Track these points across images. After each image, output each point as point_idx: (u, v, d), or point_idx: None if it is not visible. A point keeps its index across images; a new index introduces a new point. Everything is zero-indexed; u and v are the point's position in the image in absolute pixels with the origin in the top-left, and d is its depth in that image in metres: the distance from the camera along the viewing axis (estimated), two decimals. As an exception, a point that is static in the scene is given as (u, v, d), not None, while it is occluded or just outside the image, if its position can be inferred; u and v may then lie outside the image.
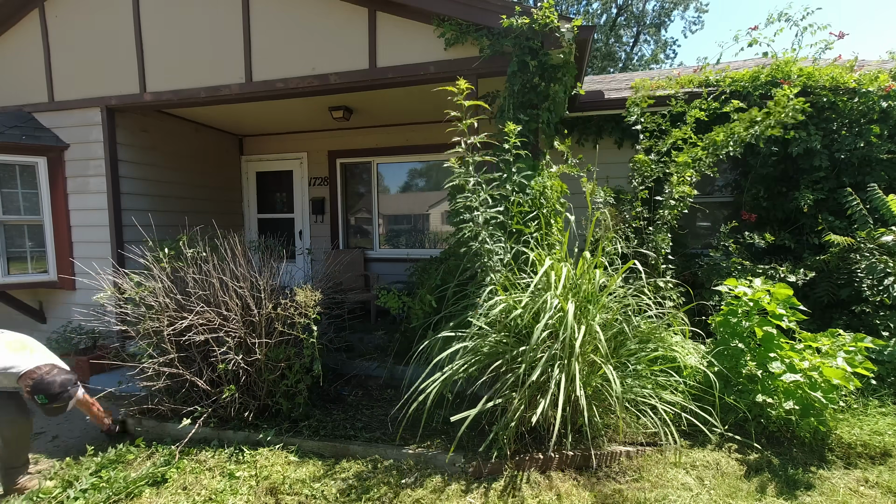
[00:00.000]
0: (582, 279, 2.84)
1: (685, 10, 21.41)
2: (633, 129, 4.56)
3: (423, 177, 6.80)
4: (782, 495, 2.39)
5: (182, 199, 5.91)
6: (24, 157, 4.85)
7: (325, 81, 4.29)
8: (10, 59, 5.20)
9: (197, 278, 3.37)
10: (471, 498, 2.48)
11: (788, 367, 2.82)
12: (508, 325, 2.83)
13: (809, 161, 4.41)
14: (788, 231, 4.59)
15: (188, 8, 4.60)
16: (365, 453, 2.93)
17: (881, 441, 2.72)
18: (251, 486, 2.66)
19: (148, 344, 3.31)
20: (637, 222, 4.24)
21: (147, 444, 3.15)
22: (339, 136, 6.70)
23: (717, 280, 3.93)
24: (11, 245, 4.94)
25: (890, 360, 3.31)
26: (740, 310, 3.14)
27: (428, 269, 4.28)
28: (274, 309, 3.30)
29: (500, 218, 3.24)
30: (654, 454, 2.74)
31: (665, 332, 3.15)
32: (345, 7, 4.20)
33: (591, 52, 5.10)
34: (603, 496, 2.46)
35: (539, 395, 2.61)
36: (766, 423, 2.90)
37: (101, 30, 4.85)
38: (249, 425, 3.23)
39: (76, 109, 5.00)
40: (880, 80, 4.31)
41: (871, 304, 3.72)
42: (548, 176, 3.62)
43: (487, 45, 3.81)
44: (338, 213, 6.88)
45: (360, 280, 6.46)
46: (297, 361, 3.29)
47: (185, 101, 4.76)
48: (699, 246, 5.24)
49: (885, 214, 3.79)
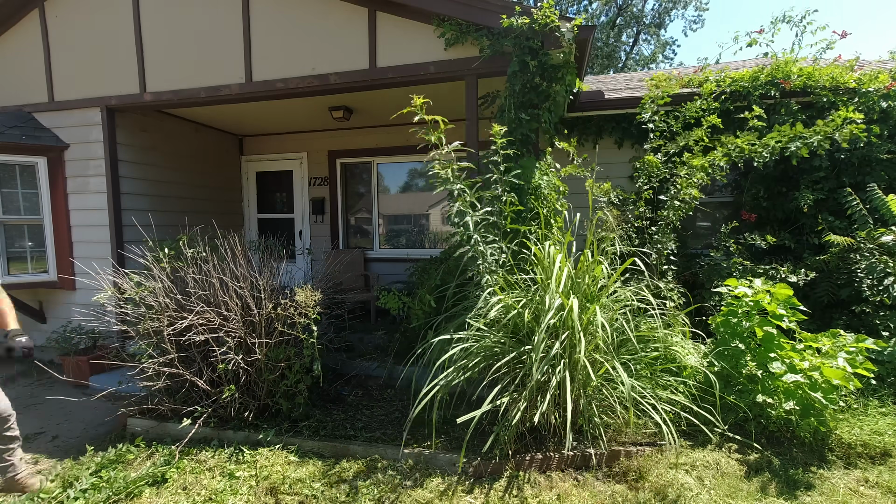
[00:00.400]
0: (582, 278, 2.84)
1: (685, 9, 21.42)
2: (635, 129, 4.54)
3: (423, 177, 6.80)
4: (782, 495, 2.39)
5: (182, 199, 5.91)
6: (24, 157, 4.85)
7: (325, 81, 4.29)
8: (10, 59, 5.19)
9: (197, 278, 3.37)
10: (471, 498, 2.48)
11: (789, 368, 2.82)
12: (507, 326, 2.83)
13: (809, 161, 4.41)
14: (788, 231, 4.59)
15: (188, 8, 4.60)
16: (365, 453, 2.92)
17: (881, 441, 2.72)
18: (251, 486, 2.66)
19: (148, 344, 3.31)
20: (639, 222, 4.23)
21: (147, 444, 3.15)
22: (339, 136, 6.70)
23: (717, 280, 3.92)
24: (11, 245, 4.93)
25: (890, 361, 3.31)
26: (741, 310, 3.14)
27: (428, 270, 4.28)
28: (274, 309, 3.30)
29: (490, 219, 3.23)
30: (655, 454, 2.73)
31: (665, 332, 3.15)
32: (345, 7, 4.20)
33: (591, 52, 5.10)
34: (603, 496, 2.46)
35: (539, 396, 2.61)
36: (766, 424, 2.90)
37: (101, 30, 4.85)
38: (249, 425, 3.23)
39: (76, 109, 5.00)
40: (880, 79, 4.31)
41: (871, 304, 3.72)
42: (548, 175, 3.62)
43: (487, 45, 3.81)
44: (338, 213, 6.88)
45: (360, 280, 6.46)
46: (297, 361, 3.29)
47: (185, 101, 4.76)
48: (700, 246, 5.24)
49: (885, 214, 3.79)
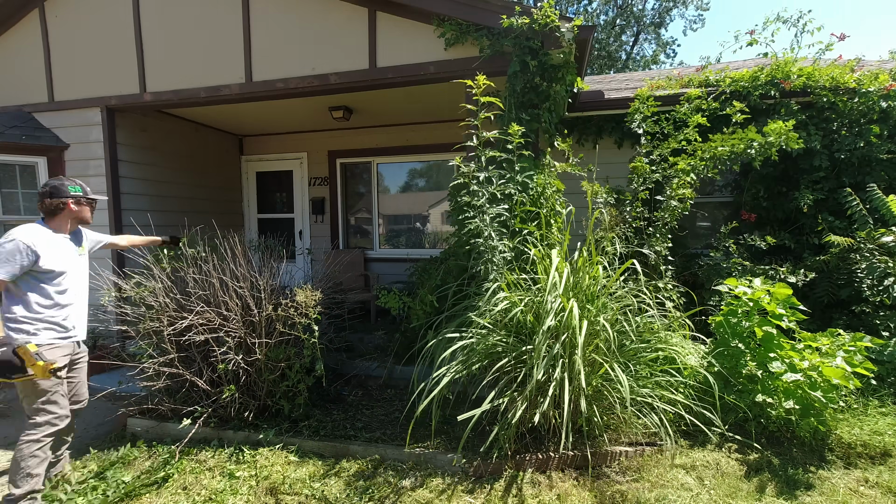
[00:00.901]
0: (582, 279, 2.84)
1: (685, 9, 21.42)
2: (634, 131, 4.56)
3: (423, 177, 6.80)
4: (782, 495, 2.39)
5: (182, 198, 5.91)
6: (24, 157, 4.85)
7: (325, 81, 4.29)
8: (10, 58, 5.19)
9: (197, 278, 3.37)
10: (471, 498, 2.48)
11: (788, 367, 2.82)
12: (509, 325, 2.83)
13: (809, 161, 4.41)
14: (788, 231, 4.59)
15: (188, 8, 4.60)
16: (365, 453, 2.93)
17: (881, 441, 2.72)
18: (251, 486, 2.66)
19: (148, 344, 3.31)
20: (637, 223, 4.24)
21: (147, 444, 3.15)
22: (339, 136, 6.70)
23: (717, 280, 3.93)
24: (11, 245, 4.93)
25: (890, 360, 3.31)
26: (740, 310, 3.14)
27: (428, 269, 4.28)
28: (274, 309, 3.30)
29: (505, 216, 3.24)
30: (654, 454, 2.74)
31: (665, 332, 3.15)
32: (344, 7, 4.20)
33: (591, 53, 5.11)
34: (603, 496, 2.46)
35: (540, 395, 2.61)
36: (766, 423, 2.91)
37: (101, 30, 4.85)
38: (249, 425, 3.23)
39: (76, 109, 5.00)
40: (880, 79, 4.31)
41: (871, 304, 3.73)
42: (548, 175, 3.62)
43: (487, 45, 3.81)
44: (338, 213, 6.88)
45: (360, 280, 6.46)
46: (297, 361, 3.29)
47: (185, 101, 4.76)
48: (699, 246, 5.24)
49: (885, 214, 3.79)
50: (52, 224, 2.53)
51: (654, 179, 4.22)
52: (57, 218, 2.54)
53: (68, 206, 2.53)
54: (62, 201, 2.51)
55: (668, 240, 4.03)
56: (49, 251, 2.42)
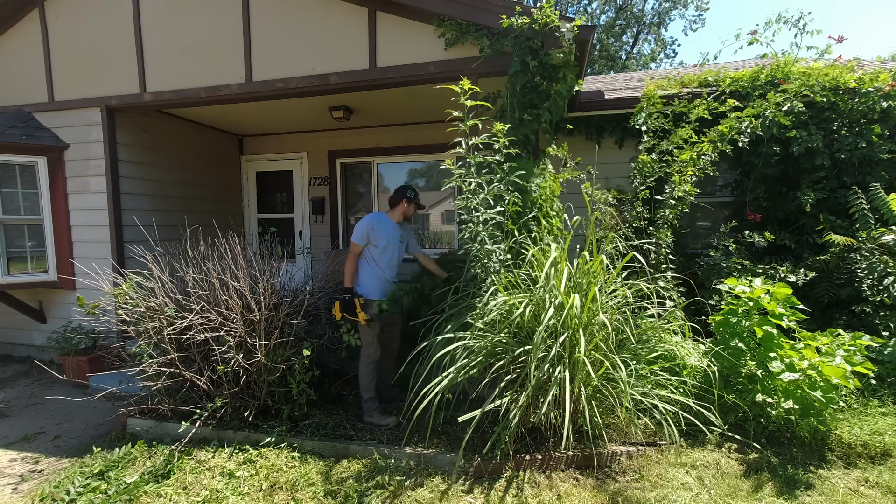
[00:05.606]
0: (582, 278, 2.84)
1: (685, 9, 21.40)
2: (635, 129, 4.57)
3: (424, 177, 6.80)
4: (782, 495, 2.39)
5: (182, 198, 5.90)
6: (24, 157, 4.85)
7: (325, 81, 4.28)
8: (10, 59, 5.19)
9: (197, 278, 3.37)
10: (471, 498, 2.48)
11: (788, 367, 2.82)
12: (508, 325, 2.83)
13: (810, 161, 4.40)
14: (789, 231, 4.58)
15: (188, 8, 4.60)
16: (365, 453, 2.93)
17: (881, 441, 2.72)
18: (251, 486, 2.66)
19: (148, 344, 3.31)
20: (637, 222, 4.24)
21: (147, 443, 3.15)
22: (339, 136, 6.70)
23: (717, 280, 3.93)
24: (11, 245, 4.93)
25: (890, 360, 3.31)
26: (740, 309, 3.14)
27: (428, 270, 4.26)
28: (274, 309, 3.30)
29: (497, 219, 3.24)
30: (654, 454, 2.74)
31: (665, 331, 3.15)
32: (344, 7, 4.20)
33: (591, 52, 5.11)
34: (603, 496, 2.46)
35: (539, 395, 2.61)
36: (765, 423, 2.90)
37: (101, 30, 4.85)
38: (249, 425, 3.23)
39: (76, 109, 5.00)
40: (881, 79, 4.31)
41: (871, 304, 3.72)
42: (547, 176, 3.62)
43: (487, 45, 3.80)
44: (338, 212, 6.88)
45: (361, 280, 6.44)
46: (297, 362, 3.29)
47: (185, 101, 4.76)
48: (699, 246, 5.23)
49: (885, 214, 3.79)
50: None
51: (656, 176, 4.27)
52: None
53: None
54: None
55: (669, 237, 4.04)
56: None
